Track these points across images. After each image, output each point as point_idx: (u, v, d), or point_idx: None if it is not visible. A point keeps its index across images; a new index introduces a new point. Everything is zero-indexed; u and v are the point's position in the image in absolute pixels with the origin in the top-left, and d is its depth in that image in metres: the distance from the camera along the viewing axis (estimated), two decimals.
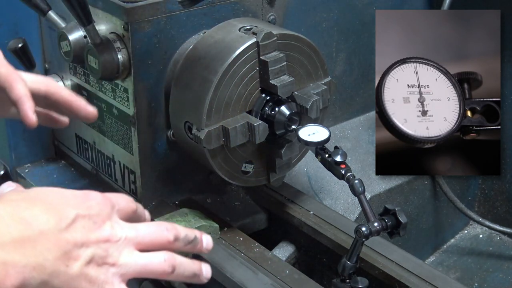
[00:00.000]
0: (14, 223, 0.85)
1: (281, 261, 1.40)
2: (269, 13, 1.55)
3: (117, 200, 0.99)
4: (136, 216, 1.03)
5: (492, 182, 2.07)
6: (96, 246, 0.91)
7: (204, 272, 1.00)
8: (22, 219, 0.86)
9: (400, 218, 1.23)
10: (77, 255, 0.89)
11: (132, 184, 1.51)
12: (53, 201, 0.91)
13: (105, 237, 0.92)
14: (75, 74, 1.59)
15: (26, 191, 0.93)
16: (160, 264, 0.95)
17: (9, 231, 0.84)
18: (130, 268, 0.93)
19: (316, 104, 1.38)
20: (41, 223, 0.87)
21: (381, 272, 1.34)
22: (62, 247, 0.87)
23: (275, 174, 1.45)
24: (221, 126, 1.33)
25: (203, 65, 1.35)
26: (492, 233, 2.08)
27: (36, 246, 0.85)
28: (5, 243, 0.83)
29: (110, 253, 0.92)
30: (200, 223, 1.42)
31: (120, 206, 0.98)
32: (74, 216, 0.90)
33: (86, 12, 1.30)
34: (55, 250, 0.87)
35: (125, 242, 0.94)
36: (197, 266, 0.99)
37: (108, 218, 0.94)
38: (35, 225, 0.86)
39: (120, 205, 0.98)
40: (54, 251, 0.86)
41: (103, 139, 1.57)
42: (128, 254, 0.94)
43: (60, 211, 0.89)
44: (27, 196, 0.91)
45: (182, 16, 1.42)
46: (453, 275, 1.95)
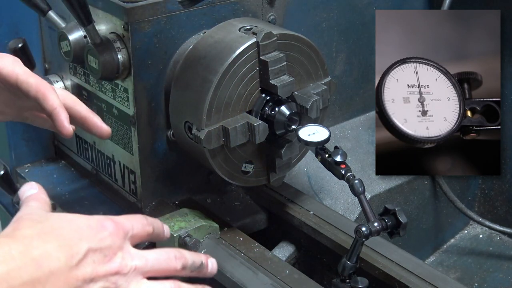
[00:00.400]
0: (25, 265, 0.85)
1: (281, 261, 1.40)
2: (269, 13, 1.55)
3: (132, 226, 0.99)
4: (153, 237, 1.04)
5: (492, 182, 2.07)
6: (105, 280, 0.92)
7: None
8: (33, 260, 0.86)
9: (400, 218, 1.23)
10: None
11: (132, 184, 1.51)
12: (67, 234, 0.91)
13: (115, 269, 0.93)
14: (75, 74, 1.59)
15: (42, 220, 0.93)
16: None
17: (20, 275, 0.85)
18: None
19: (316, 104, 1.38)
20: (52, 263, 0.87)
21: (381, 272, 1.34)
22: (71, 284, 0.88)
23: (275, 174, 1.45)
24: (221, 126, 1.33)
25: (203, 65, 1.35)
26: (492, 233, 2.08)
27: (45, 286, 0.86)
28: (16, 287, 0.84)
29: (119, 285, 0.93)
30: (200, 223, 1.42)
31: (135, 232, 0.99)
32: (85, 251, 0.91)
33: (86, 12, 1.30)
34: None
35: (134, 272, 0.95)
36: None
37: (119, 249, 0.95)
38: (46, 266, 0.87)
39: (134, 231, 0.99)
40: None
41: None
42: (136, 285, 0.95)
43: (72, 247, 0.90)
44: (41, 230, 0.91)
45: (182, 16, 1.42)
46: (453, 275, 1.94)
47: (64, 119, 1.15)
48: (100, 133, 1.24)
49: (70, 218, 0.95)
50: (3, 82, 1.18)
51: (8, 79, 1.17)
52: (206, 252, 1.39)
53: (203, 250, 1.40)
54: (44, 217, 0.94)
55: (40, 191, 1.00)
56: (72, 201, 1.61)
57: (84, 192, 1.65)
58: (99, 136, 1.25)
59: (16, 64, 1.18)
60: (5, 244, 0.86)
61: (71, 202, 1.60)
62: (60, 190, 1.66)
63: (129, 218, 1.00)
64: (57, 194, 1.63)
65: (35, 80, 1.17)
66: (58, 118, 1.15)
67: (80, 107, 1.23)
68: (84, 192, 1.65)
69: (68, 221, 0.94)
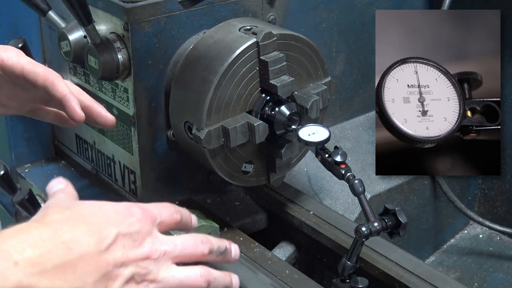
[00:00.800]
0: (55, 249, 0.85)
1: (281, 261, 1.40)
2: (269, 13, 1.55)
3: (160, 213, 0.99)
4: (180, 226, 1.04)
5: (492, 182, 2.07)
6: (136, 264, 0.91)
7: (234, 284, 1.02)
8: (64, 244, 0.86)
9: (400, 218, 1.23)
10: (116, 274, 0.89)
11: (132, 184, 1.51)
12: (95, 220, 0.91)
13: (145, 254, 0.93)
14: (75, 74, 1.59)
15: (70, 207, 0.93)
16: (196, 279, 0.97)
17: (52, 258, 0.84)
18: (168, 283, 0.95)
19: (316, 104, 1.38)
20: (82, 247, 0.87)
21: (381, 272, 1.34)
22: (102, 269, 0.88)
23: (275, 174, 1.45)
24: (221, 126, 1.33)
25: (203, 65, 1.35)
26: (492, 233, 2.08)
27: (76, 270, 0.86)
28: (48, 270, 0.84)
29: (150, 270, 0.93)
30: (200, 223, 1.42)
31: (162, 219, 0.99)
32: (115, 235, 0.90)
33: (86, 12, 1.30)
34: (95, 273, 0.87)
35: (164, 257, 0.95)
36: (228, 279, 1.01)
37: (148, 234, 0.94)
38: (76, 249, 0.87)
39: (162, 217, 0.99)
40: (94, 274, 0.87)
41: (103, 139, 1.57)
42: (166, 270, 0.95)
43: (101, 231, 0.90)
44: (69, 216, 0.91)
45: (182, 16, 1.42)
46: (453, 275, 1.94)
47: (75, 105, 1.15)
48: (104, 122, 1.24)
49: (98, 204, 0.95)
50: (8, 74, 1.18)
51: (14, 70, 1.17)
52: None
53: None
54: (71, 204, 0.95)
55: (68, 185, 1.00)
56: None
57: (84, 192, 1.64)
58: (103, 125, 1.25)
59: (20, 55, 1.18)
60: (35, 229, 0.86)
61: None
62: None
63: (157, 206, 1.00)
64: None
65: (42, 69, 1.17)
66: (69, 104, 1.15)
67: (84, 97, 1.23)
68: (84, 192, 1.64)
69: (95, 207, 0.94)
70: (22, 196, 1.36)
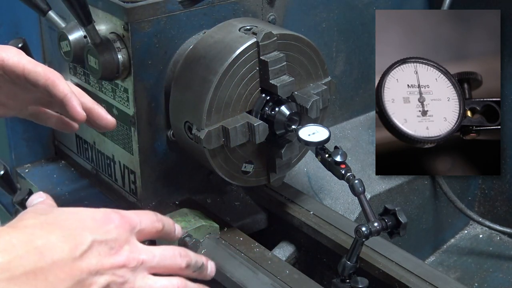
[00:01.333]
0: (27, 254, 0.83)
1: (281, 261, 1.40)
2: (269, 13, 1.55)
3: (140, 220, 0.97)
4: (162, 234, 1.03)
5: (492, 182, 2.07)
6: (112, 273, 0.90)
7: None
8: (36, 249, 0.84)
9: (400, 218, 1.23)
10: (91, 283, 0.88)
11: (132, 184, 1.51)
12: (71, 225, 0.90)
13: (122, 262, 0.91)
14: (75, 74, 1.59)
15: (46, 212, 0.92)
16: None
17: (22, 263, 0.82)
18: None
19: (316, 104, 1.38)
20: (55, 253, 0.85)
21: (381, 272, 1.34)
22: (75, 276, 0.86)
23: (275, 174, 1.45)
24: (221, 126, 1.33)
25: (203, 65, 1.35)
26: (492, 233, 2.08)
27: (48, 277, 0.84)
28: (17, 276, 0.82)
29: (127, 279, 0.91)
30: (200, 223, 1.42)
31: (143, 226, 0.97)
32: (90, 242, 0.89)
33: (86, 12, 1.30)
34: (68, 280, 0.86)
35: (141, 267, 0.94)
36: None
37: (126, 242, 0.93)
38: (49, 256, 0.85)
39: (142, 225, 0.97)
40: (67, 281, 0.85)
41: (103, 139, 1.57)
42: (143, 279, 0.94)
43: (76, 238, 0.88)
44: (44, 221, 0.89)
45: (182, 16, 1.42)
46: (453, 275, 1.94)
47: (76, 104, 1.15)
48: (105, 124, 1.24)
49: (75, 210, 0.93)
50: (8, 74, 1.17)
51: (14, 70, 1.16)
52: (206, 252, 1.39)
53: (203, 250, 1.40)
54: (48, 210, 0.93)
55: (48, 198, 1.00)
56: (72, 201, 1.61)
57: (84, 192, 1.65)
58: (104, 127, 1.24)
59: (21, 55, 1.18)
60: (5, 234, 0.85)
61: (71, 202, 1.60)
62: (60, 190, 1.66)
63: (138, 213, 0.98)
64: (57, 194, 1.63)
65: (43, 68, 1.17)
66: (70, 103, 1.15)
67: (85, 99, 1.23)
68: (84, 192, 1.65)
69: (72, 213, 0.92)
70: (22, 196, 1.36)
